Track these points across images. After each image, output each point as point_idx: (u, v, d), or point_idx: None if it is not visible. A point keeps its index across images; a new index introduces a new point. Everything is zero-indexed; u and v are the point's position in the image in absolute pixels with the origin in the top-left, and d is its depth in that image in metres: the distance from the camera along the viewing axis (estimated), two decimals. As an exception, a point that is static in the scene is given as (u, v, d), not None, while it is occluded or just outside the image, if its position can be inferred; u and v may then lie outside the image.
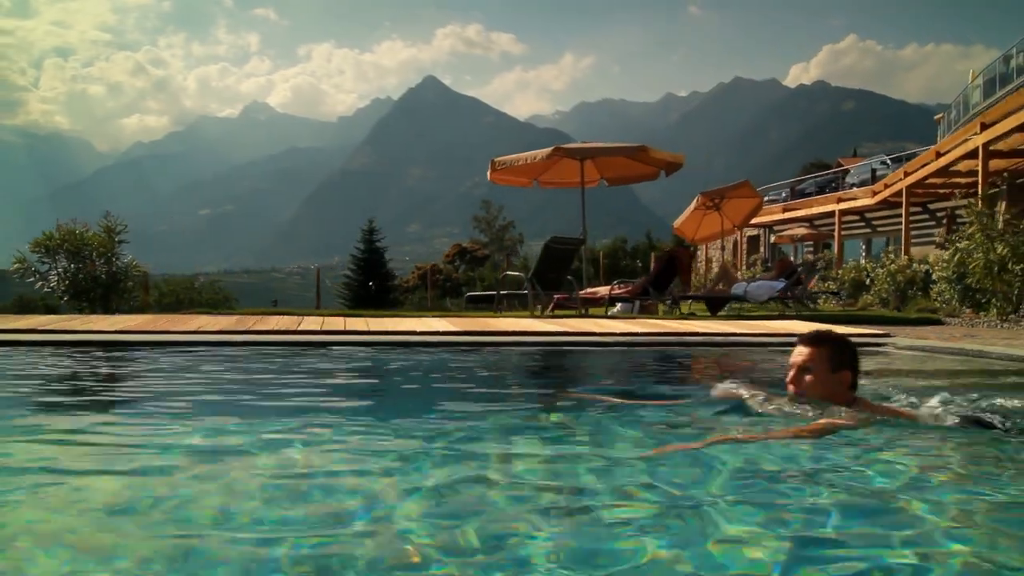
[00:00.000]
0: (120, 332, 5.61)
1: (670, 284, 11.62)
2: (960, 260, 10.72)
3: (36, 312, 12.16)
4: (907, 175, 18.48)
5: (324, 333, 5.95)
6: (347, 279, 45.00)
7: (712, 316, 10.97)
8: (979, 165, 13.80)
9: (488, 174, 12.15)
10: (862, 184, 25.72)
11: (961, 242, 10.93)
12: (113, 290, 10.38)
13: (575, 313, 10.40)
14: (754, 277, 15.49)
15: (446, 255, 57.23)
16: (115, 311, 9.84)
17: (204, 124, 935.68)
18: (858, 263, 18.20)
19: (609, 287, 12.06)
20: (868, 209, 24.07)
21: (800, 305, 12.02)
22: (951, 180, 17.34)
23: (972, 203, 11.27)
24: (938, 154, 16.62)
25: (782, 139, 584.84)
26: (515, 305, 12.49)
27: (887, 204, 21.62)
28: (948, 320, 10.10)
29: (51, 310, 12.35)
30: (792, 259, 26.08)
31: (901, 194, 18.86)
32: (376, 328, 6.26)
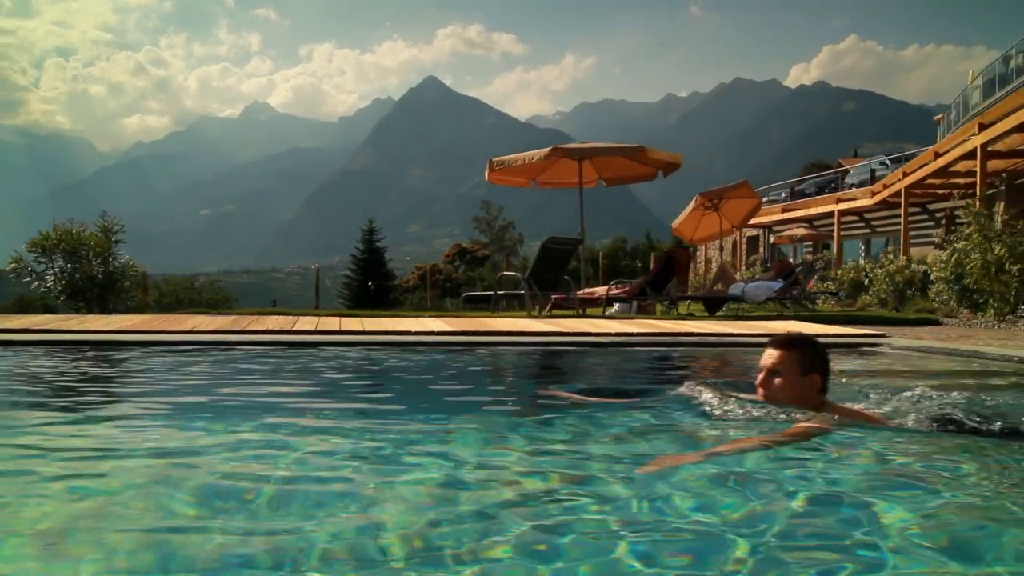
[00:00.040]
0: (114, 332, 5.61)
1: (668, 284, 11.61)
2: (958, 261, 10.72)
3: (35, 312, 12.16)
4: (906, 175, 18.48)
5: (318, 333, 5.94)
6: (347, 279, 44.98)
7: (710, 316, 10.97)
8: (977, 166, 13.80)
9: (486, 174, 12.16)
10: (861, 185, 25.70)
11: (959, 243, 10.93)
12: (110, 290, 10.39)
13: (572, 313, 10.39)
14: (753, 277, 15.49)
15: (446, 255, 57.24)
16: (112, 311, 9.84)
17: (205, 124, 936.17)
18: (857, 263, 18.19)
19: (607, 287, 12.05)
20: (867, 210, 24.06)
21: (798, 306, 12.01)
22: (950, 181, 17.34)
23: (970, 204, 11.27)
24: (937, 155, 16.61)
25: (782, 140, 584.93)
26: (514, 305, 12.49)
27: (886, 204, 21.61)
28: (946, 321, 10.10)
29: (50, 310, 12.36)
30: (791, 259, 26.07)
31: (900, 195, 18.86)
32: (371, 328, 6.26)
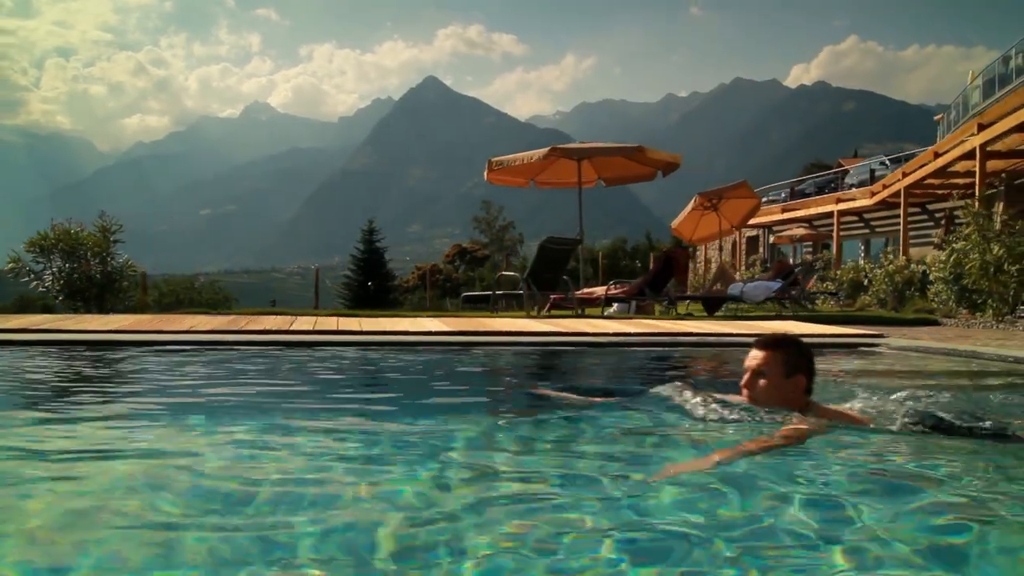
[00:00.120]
0: (111, 332, 5.60)
1: (667, 284, 11.60)
2: (956, 261, 10.71)
3: (35, 312, 12.15)
4: (905, 176, 18.47)
5: (315, 333, 5.93)
6: (347, 279, 44.97)
7: (709, 316, 10.96)
8: (977, 166, 13.78)
9: (485, 174, 12.15)
10: (861, 185, 25.68)
11: (958, 243, 10.92)
12: (108, 290, 10.38)
13: (571, 313, 10.39)
14: (752, 278, 15.48)
15: (446, 255, 57.24)
16: (110, 311, 9.84)
17: (205, 124, 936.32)
18: (856, 264, 18.18)
19: (605, 287, 12.04)
20: (867, 210, 24.04)
21: (797, 306, 12.00)
22: (949, 181, 17.32)
23: (969, 204, 11.25)
24: (936, 155, 16.60)
25: (783, 140, 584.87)
26: (513, 305, 12.48)
27: (886, 205, 21.60)
28: (945, 321, 10.09)
29: (49, 310, 12.34)
30: (791, 260, 26.06)
31: (899, 195, 18.85)
32: (368, 328, 6.25)
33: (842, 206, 24.12)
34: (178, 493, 1.84)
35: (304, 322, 6.72)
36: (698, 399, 2.66)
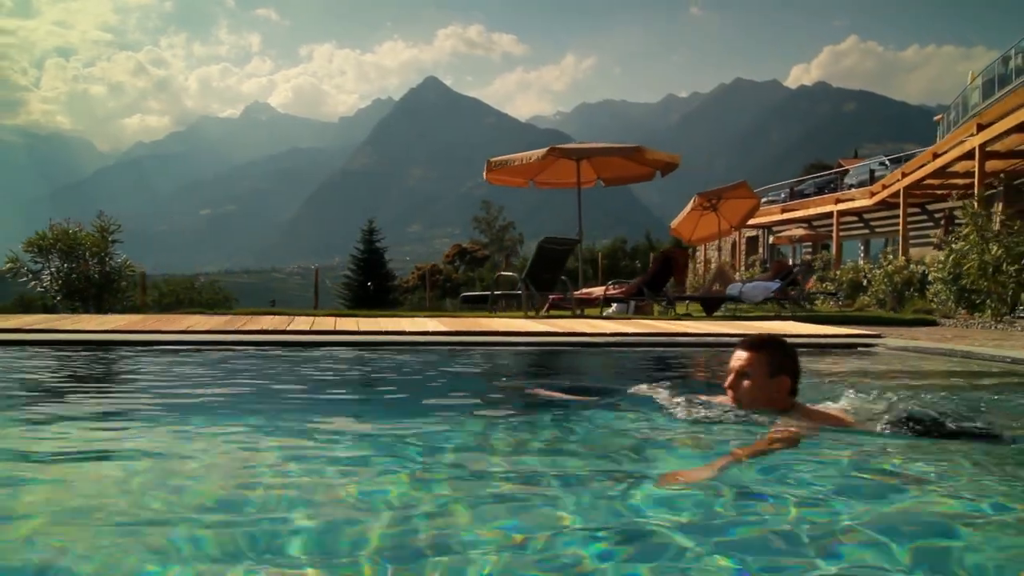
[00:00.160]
0: (107, 332, 5.60)
1: (666, 285, 11.59)
2: (955, 261, 10.70)
3: (35, 312, 12.14)
4: (905, 176, 18.46)
5: (312, 333, 5.93)
6: (347, 279, 44.96)
7: (707, 317, 10.95)
8: (976, 166, 13.78)
9: (484, 174, 12.16)
10: (861, 185, 25.68)
11: (956, 243, 10.91)
12: (106, 290, 10.38)
13: (569, 314, 10.38)
14: (752, 278, 15.48)
15: (446, 255, 57.25)
16: (108, 311, 9.83)
17: (205, 124, 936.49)
18: (856, 264, 18.18)
19: (604, 287, 12.04)
20: (866, 210, 24.03)
21: (796, 306, 12.00)
22: (948, 181, 17.32)
23: (968, 204, 11.25)
24: (935, 155, 16.59)
25: (783, 140, 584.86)
26: (513, 306, 12.47)
27: (885, 205, 21.59)
28: (943, 321, 10.08)
29: (48, 309, 12.32)
30: (791, 260, 26.06)
31: (899, 195, 18.84)
32: (366, 328, 6.25)
33: (841, 206, 24.11)
34: (170, 493, 1.83)
35: (302, 322, 6.71)
36: (679, 399, 2.65)
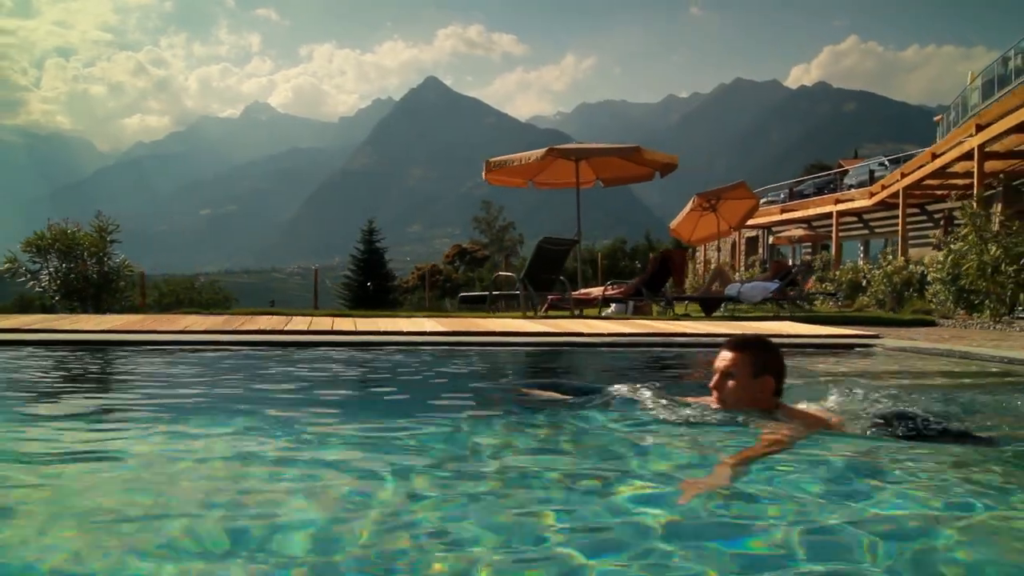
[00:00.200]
0: (104, 332, 5.59)
1: (664, 285, 11.59)
2: (954, 262, 10.70)
3: (35, 312, 12.15)
4: (904, 176, 18.46)
5: (309, 333, 5.93)
6: (347, 279, 44.98)
7: (706, 317, 10.95)
8: (975, 167, 13.77)
9: (483, 174, 12.15)
10: (860, 185, 25.68)
11: (955, 244, 10.91)
12: (105, 290, 10.38)
13: (568, 314, 10.38)
14: (751, 278, 15.48)
15: (446, 256, 57.30)
16: (107, 311, 9.83)
17: (205, 124, 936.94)
18: (855, 264, 18.18)
19: (602, 288, 12.04)
20: (865, 210, 24.04)
21: (794, 306, 12.00)
22: (948, 182, 17.33)
23: (967, 205, 11.25)
24: (934, 156, 16.59)
25: (783, 140, 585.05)
26: (512, 306, 12.47)
27: (884, 205, 21.59)
28: (942, 322, 10.08)
29: (47, 309, 12.34)
30: (790, 260, 26.06)
31: (898, 195, 18.84)
32: (363, 328, 6.25)
33: (841, 207, 24.12)
34: (163, 493, 1.83)
35: (299, 322, 6.71)
36: (662, 400, 2.64)
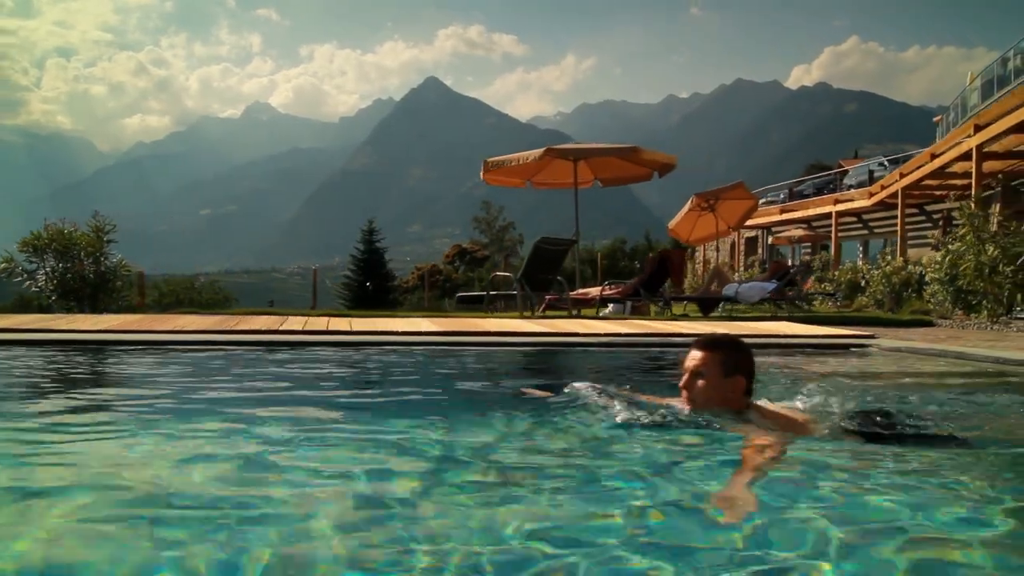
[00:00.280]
0: (100, 332, 5.59)
1: (662, 285, 11.59)
2: (952, 262, 10.69)
3: (33, 311, 12.14)
4: (903, 177, 18.47)
5: (304, 333, 5.92)
6: (347, 279, 44.93)
7: (704, 317, 10.95)
8: (973, 167, 13.77)
9: (481, 174, 12.15)
10: (860, 186, 25.69)
11: (953, 244, 10.91)
12: (102, 290, 10.36)
13: (565, 314, 10.37)
14: (750, 279, 15.48)
15: (446, 256, 57.30)
16: (104, 311, 9.82)
17: (206, 124, 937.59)
18: (854, 265, 18.17)
19: (600, 288, 12.03)
20: (865, 211, 24.04)
21: (792, 306, 12.00)
22: (947, 182, 17.32)
23: (965, 205, 11.24)
24: (933, 156, 16.60)
25: (783, 141, 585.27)
26: (511, 306, 12.46)
27: (884, 205, 21.60)
28: (940, 322, 10.07)
29: (45, 309, 12.33)
30: (789, 260, 26.06)
31: (897, 196, 18.85)
32: (359, 328, 6.24)
33: (840, 207, 24.12)
34: (153, 493, 1.83)
35: (294, 322, 6.71)
36: (631, 401, 2.63)
